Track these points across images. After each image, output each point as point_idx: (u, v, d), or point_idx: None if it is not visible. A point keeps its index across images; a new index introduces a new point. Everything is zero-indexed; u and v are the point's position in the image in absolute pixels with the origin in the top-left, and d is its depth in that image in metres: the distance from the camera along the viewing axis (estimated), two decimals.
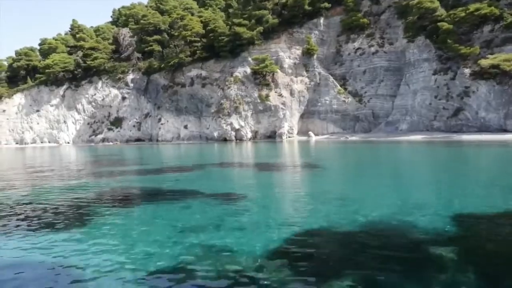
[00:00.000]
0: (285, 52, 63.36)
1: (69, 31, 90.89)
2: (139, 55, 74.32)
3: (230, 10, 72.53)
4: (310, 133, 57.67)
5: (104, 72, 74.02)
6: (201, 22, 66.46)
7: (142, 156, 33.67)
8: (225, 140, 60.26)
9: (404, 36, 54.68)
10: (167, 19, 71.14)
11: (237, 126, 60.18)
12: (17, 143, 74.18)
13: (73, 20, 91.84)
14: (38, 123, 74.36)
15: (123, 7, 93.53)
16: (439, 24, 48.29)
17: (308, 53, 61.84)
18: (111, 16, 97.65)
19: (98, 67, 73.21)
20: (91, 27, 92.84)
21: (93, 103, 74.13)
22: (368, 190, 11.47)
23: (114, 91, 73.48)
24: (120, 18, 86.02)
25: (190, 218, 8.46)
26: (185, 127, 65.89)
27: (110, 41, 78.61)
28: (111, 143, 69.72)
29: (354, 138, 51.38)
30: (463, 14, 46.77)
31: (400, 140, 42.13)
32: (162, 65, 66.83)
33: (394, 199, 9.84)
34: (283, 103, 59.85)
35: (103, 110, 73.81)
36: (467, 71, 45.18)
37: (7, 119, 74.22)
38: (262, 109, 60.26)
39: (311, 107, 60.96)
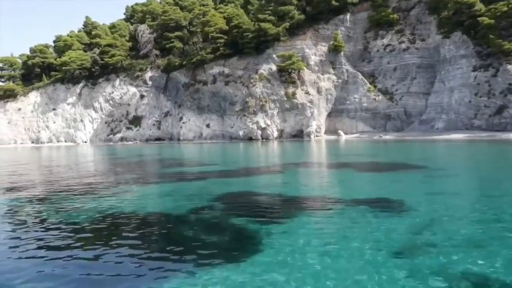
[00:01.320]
0: (310, 49, 61.67)
1: (82, 28, 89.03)
2: (157, 52, 72.61)
3: (249, 7, 70.76)
4: (340, 132, 55.98)
5: (121, 70, 72.31)
6: (224, 18, 64.66)
7: (194, 156, 31.89)
8: (250, 139, 58.55)
9: (438, 32, 53.05)
10: (188, 15, 69.38)
11: (263, 125, 58.50)
12: (32, 142, 72.45)
13: (87, 17, 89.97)
14: (54, 122, 72.61)
15: (137, 4, 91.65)
16: (478, 19, 46.58)
17: (335, 49, 60.16)
18: (124, 13, 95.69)
19: (115, 65, 71.47)
20: (103, 24, 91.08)
21: (110, 102, 72.42)
22: None
23: (132, 89, 71.77)
24: (136, 15, 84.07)
25: (391, 234, 6.70)
26: (207, 126, 64.18)
27: (127, 38, 76.82)
28: (130, 143, 68.01)
29: (388, 137, 49.74)
30: (505, 8, 45.13)
31: (439, 139, 40.43)
32: (184, 62, 65.01)
33: None
34: (311, 101, 58.16)
35: (121, 108, 72.09)
36: (510, 67, 43.57)
37: (23, 117, 72.46)
38: (289, 107, 58.60)
39: (338, 106, 59.30)
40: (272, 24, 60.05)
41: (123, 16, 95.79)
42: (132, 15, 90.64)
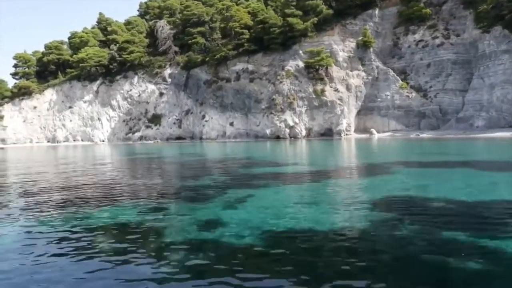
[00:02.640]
0: (338, 44, 59.75)
1: (96, 25, 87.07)
2: (176, 49, 70.70)
3: (270, 2, 68.86)
4: (372, 130, 54.07)
5: (139, 67, 70.41)
6: (248, 13, 62.74)
7: (254, 155, 29.90)
8: (278, 138, 56.65)
9: (476, 27, 51.12)
10: (210, 10, 67.46)
11: (291, 123, 56.58)
12: (48, 141, 70.49)
13: (100, 14, 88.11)
14: (70, 121, 70.65)
15: (151, 0, 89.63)
16: None
17: (364, 45, 58.27)
18: (138, 10, 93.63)
19: (133, 62, 69.51)
20: (116, 21, 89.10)
21: (128, 99, 70.49)
22: None
23: (151, 87, 69.86)
24: (152, 11, 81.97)
25: None
26: (231, 124, 62.24)
27: (144, 34, 74.90)
28: (150, 142, 66.09)
29: (425, 135, 47.78)
30: None
31: (482, 138, 38.45)
32: (207, 59, 63.02)
33: None
34: (340, 99, 56.24)
35: (139, 106, 70.16)
36: None
37: (38, 116, 70.50)
38: (317, 105, 56.66)
39: (368, 103, 57.41)
40: (299, 19, 58.12)
41: (137, 13, 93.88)
42: (147, 12, 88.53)
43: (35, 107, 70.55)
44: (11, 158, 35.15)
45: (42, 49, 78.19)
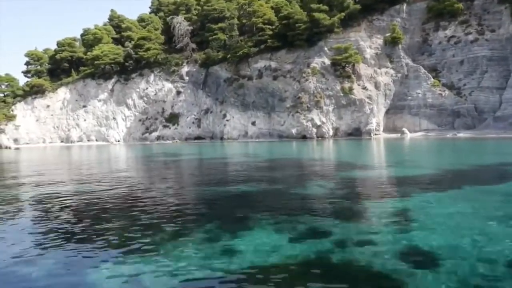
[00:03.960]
0: (365, 41, 57.68)
1: (108, 22, 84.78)
2: (194, 46, 68.49)
3: None
4: (405, 130, 51.82)
5: (156, 64, 68.16)
6: (271, 8, 60.56)
7: (310, 155, 27.77)
8: (304, 137, 54.47)
9: None
10: (231, 5, 65.21)
11: (318, 123, 54.41)
12: (62, 141, 68.19)
13: (112, 10, 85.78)
14: (85, 120, 68.36)
15: None
16: None
17: (392, 42, 56.15)
18: (150, 7, 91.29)
19: (149, 59, 67.22)
20: (126, 18, 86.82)
21: (144, 98, 68.25)
22: None
23: (168, 85, 67.64)
24: (167, 7, 79.59)
25: None
26: (253, 123, 60.03)
27: (159, 31, 72.66)
28: (168, 142, 63.84)
29: (462, 135, 45.64)
30: None
31: None
32: (229, 56, 60.78)
33: None
34: (369, 97, 54.10)
35: (156, 105, 67.91)
36: None
37: (52, 115, 68.20)
38: (345, 103, 54.52)
39: (398, 102, 55.28)
40: (325, 14, 55.99)
41: (148, 10, 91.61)
42: (159, 9, 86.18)
43: (48, 106, 68.26)
44: (28, 159, 32.98)
45: (49, 47, 75.99)
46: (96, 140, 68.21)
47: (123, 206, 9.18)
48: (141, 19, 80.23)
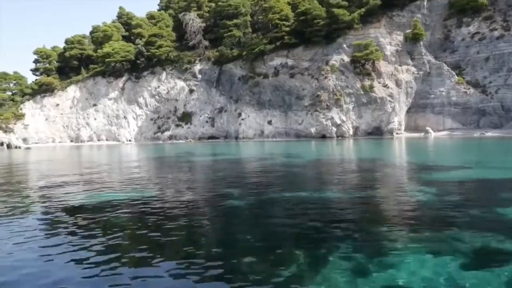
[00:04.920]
0: (385, 38, 56.05)
1: (116, 19, 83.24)
2: (207, 43, 66.90)
3: None
4: (429, 129, 50.14)
5: (167, 62, 66.57)
6: (288, 3, 58.94)
7: (358, 155, 26.13)
8: (323, 137, 52.88)
9: None
10: (246, 1, 63.59)
11: (338, 121, 52.81)
12: (71, 141, 66.66)
13: (120, 8, 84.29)
14: (95, 119, 66.79)
15: None
16: None
17: (413, 38, 54.52)
18: (159, 4, 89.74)
19: (160, 57, 65.60)
20: (134, 16, 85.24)
21: (156, 97, 66.67)
22: None
23: (180, 83, 66.05)
24: (176, 4, 77.91)
25: None
26: (269, 122, 58.45)
27: (170, 28, 71.05)
28: (181, 141, 62.25)
29: (490, 134, 43.97)
30: None
31: None
32: (244, 53, 59.20)
33: None
34: (390, 95, 52.49)
35: (168, 104, 66.32)
36: None
37: (61, 114, 66.64)
38: (366, 101, 52.95)
39: (420, 100, 53.65)
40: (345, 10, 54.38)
41: (157, 7, 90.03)
42: (168, 6, 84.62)
43: (57, 105, 66.70)
44: (43, 159, 31.40)
45: (54, 44, 74.28)
46: (107, 140, 66.66)
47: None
48: (150, 16, 78.64)
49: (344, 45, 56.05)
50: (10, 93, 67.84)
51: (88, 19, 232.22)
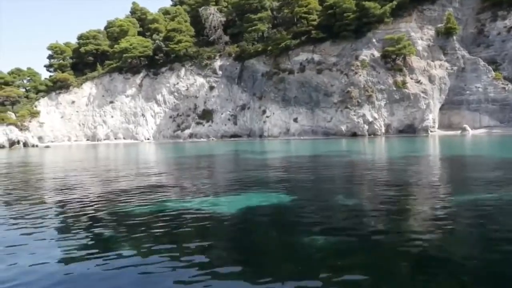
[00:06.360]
0: (416, 32, 54.03)
1: (130, 15, 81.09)
2: (227, 38, 64.82)
3: None
4: (466, 126, 48.21)
5: (186, 58, 64.46)
6: None
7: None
8: (354, 135, 50.88)
9: None
10: None
11: (370, 119, 50.83)
12: (88, 140, 64.52)
13: (134, 3, 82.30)
14: (112, 117, 64.67)
15: None
16: None
17: (446, 33, 52.52)
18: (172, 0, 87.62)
19: (179, 52, 63.40)
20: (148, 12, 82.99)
21: (175, 94, 64.57)
22: None
23: (200, 80, 63.95)
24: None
25: None
26: (295, 120, 56.41)
27: (187, 23, 68.87)
28: (203, 140, 60.19)
29: None
30: None
31: None
32: (269, 48, 57.14)
33: None
34: (424, 91, 50.51)
35: (187, 101, 64.22)
36: None
37: (77, 111, 64.50)
38: (398, 98, 50.95)
39: (454, 96, 51.67)
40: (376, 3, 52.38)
41: (170, 3, 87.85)
42: (182, 1, 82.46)
43: (73, 102, 64.55)
44: (71, 159, 29.35)
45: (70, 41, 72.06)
46: (124, 138, 64.56)
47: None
48: (165, 12, 76.53)
49: (374, 40, 54.02)
50: (23, 90, 65.57)
51: (98, 15, 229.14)
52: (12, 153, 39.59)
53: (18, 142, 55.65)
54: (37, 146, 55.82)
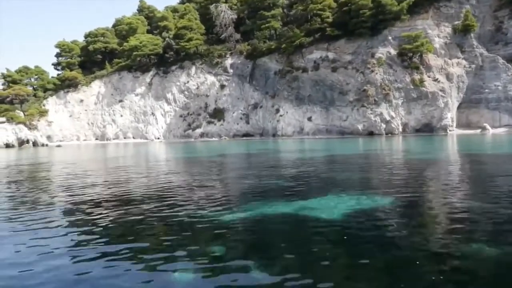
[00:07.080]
0: (433, 29, 53.11)
1: (137, 13, 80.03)
2: (238, 36, 63.82)
3: None
4: (486, 125, 47.32)
5: (197, 56, 63.45)
6: None
7: None
8: (370, 134, 49.96)
9: None
10: None
11: (387, 117, 49.90)
12: (97, 139, 63.49)
13: (141, 1, 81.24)
14: (121, 116, 63.65)
15: None
16: None
17: (463, 30, 51.62)
18: None
19: (189, 50, 62.35)
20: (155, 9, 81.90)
21: (185, 92, 63.57)
22: None
23: (211, 78, 62.96)
24: None
25: None
26: (309, 119, 55.46)
27: (197, 21, 67.84)
28: (214, 139, 59.20)
29: None
30: None
31: None
32: (283, 46, 56.14)
33: None
34: (442, 90, 49.58)
35: (198, 100, 63.22)
36: None
37: (86, 110, 63.47)
38: (416, 96, 50.03)
39: (472, 95, 50.78)
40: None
41: (177, 0, 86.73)
42: None
43: (81, 101, 63.51)
44: (91, 159, 28.36)
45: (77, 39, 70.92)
46: (133, 138, 63.55)
47: None
48: (174, 9, 75.42)
49: (390, 37, 53.09)
50: (31, 88, 64.48)
51: (103, 14, 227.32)
52: (25, 153, 38.53)
53: (28, 141, 54.60)
54: (47, 145, 54.82)
